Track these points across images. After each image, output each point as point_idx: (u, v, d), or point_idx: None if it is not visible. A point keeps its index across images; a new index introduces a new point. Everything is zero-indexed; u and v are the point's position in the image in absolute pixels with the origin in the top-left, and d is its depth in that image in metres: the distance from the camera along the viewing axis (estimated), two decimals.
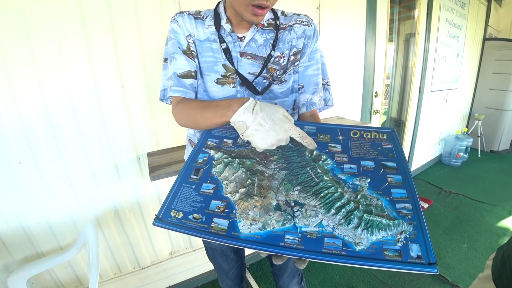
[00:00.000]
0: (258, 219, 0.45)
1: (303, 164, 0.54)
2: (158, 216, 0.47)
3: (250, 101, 0.55)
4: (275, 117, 0.53)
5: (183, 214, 0.47)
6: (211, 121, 0.60)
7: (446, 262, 1.73)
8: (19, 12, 0.90)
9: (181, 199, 0.49)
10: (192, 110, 0.65)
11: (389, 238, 0.41)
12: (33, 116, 1.01)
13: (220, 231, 0.44)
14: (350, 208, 0.46)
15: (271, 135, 0.53)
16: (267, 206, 0.47)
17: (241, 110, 0.53)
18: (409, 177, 0.49)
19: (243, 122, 0.53)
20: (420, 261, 0.38)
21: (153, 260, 1.47)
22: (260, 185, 0.50)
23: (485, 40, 3.58)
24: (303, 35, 0.73)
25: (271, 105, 0.56)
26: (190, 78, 0.69)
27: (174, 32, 0.69)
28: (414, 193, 0.47)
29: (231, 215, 0.46)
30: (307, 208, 0.46)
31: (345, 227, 0.43)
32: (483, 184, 2.81)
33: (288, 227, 0.44)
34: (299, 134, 0.55)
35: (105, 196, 1.23)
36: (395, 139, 0.58)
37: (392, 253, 0.39)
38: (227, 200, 0.48)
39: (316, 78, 0.76)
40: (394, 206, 0.45)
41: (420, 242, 0.40)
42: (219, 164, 0.55)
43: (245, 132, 0.53)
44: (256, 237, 0.43)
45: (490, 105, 3.64)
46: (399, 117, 2.86)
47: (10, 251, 1.08)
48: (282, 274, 0.95)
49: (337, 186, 0.49)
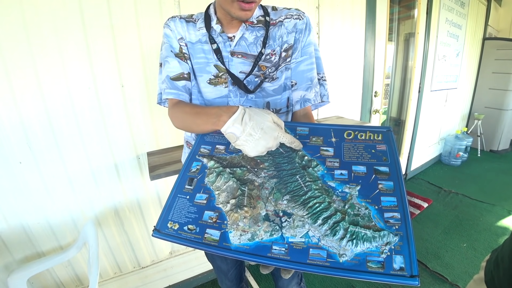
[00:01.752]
0: (248, 230, 0.47)
1: (293, 172, 0.54)
2: (156, 228, 0.50)
3: (239, 111, 0.55)
4: (264, 126, 0.54)
5: (178, 225, 0.50)
6: (203, 128, 0.62)
7: (446, 261, 1.73)
8: (19, 11, 0.91)
9: (176, 210, 0.52)
10: (186, 115, 0.66)
11: (374, 250, 0.41)
12: (33, 116, 1.01)
13: (212, 242, 0.46)
14: (336, 219, 0.46)
15: (261, 143, 0.54)
16: (256, 217, 0.49)
17: (230, 121, 0.54)
18: (400, 183, 0.49)
19: (233, 133, 0.54)
20: (402, 273, 0.39)
21: (153, 260, 1.48)
22: (250, 195, 0.52)
23: (485, 40, 3.58)
24: (294, 30, 0.71)
25: (261, 112, 0.56)
26: (182, 80, 0.70)
27: (167, 36, 0.71)
28: (404, 201, 0.46)
29: (222, 225, 0.48)
30: (295, 219, 0.47)
31: (330, 238, 0.44)
32: (482, 184, 2.81)
33: (276, 238, 0.45)
34: (289, 140, 0.56)
35: (105, 195, 1.23)
36: (391, 140, 0.57)
37: (375, 265, 0.40)
38: (219, 211, 0.50)
39: (310, 73, 0.74)
40: (382, 215, 0.45)
41: (405, 253, 0.40)
42: (211, 173, 0.56)
43: (236, 142, 0.55)
44: (245, 247, 0.45)
45: (489, 104, 3.64)
46: (398, 116, 2.87)
47: (10, 250, 1.08)
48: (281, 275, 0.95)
49: (325, 195, 0.50)
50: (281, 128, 0.57)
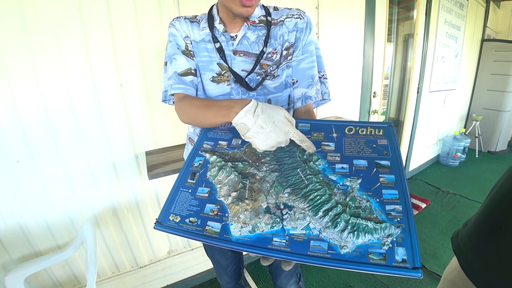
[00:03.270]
0: (249, 222, 0.47)
1: (294, 165, 0.55)
2: (158, 220, 0.50)
3: (252, 103, 0.55)
4: (276, 120, 0.54)
5: (180, 218, 0.50)
6: (213, 121, 0.61)
7: (443, 261, 1.74)
8: (18, 10, 0.90)
9: (178, 203, 0.52)
10: (195, 109, 0.66)
11: (375, 242, 0.41)
12: (31, 115, 1.00)
13: (213, 234, 0.47)
14: (337, 211, 0.46)
15: (271, 137, 0.53)
16: (257, 209, 0.49)
17: (243, 112, 0.54)
18: (402, 177, 0.49)
19: (244, 124, 0.54)
20: (404, 265, 0.38)
21: (151, 259, 1.47)
22: (251, 188, 0.52)
23: (483, 41, 3.60)
24: (295, 29, 0.73)
25: (273, 107, 0.56)
26: (190, 76, 0.72)
27: (173, 35, 0.73)
28: (406, 194, 0.46)
29: (223, 218, 0.48)
30: (296, 211, 0.47)
31: (331, 230, 0.44)
32: (480, 185, 2.82)
33: (277, 230, 0.45)
34: (299, 137, 0.55)
35: (103, 194, 1.23)
36: (392, 135, 0.57)
37: (377, 257, 0.40)
38: (220, 204, 0.50)
39: (311, 71, 0.75)
40: (383, 208, 0.45)
41: (407, 245, 0.40)
42: (214, 168, 0.56)
43: (246, 133, 0.54)
44: (246, 239, 0.45)
45: (488, 106, 3.65)
46: (397, 117, 2.87)
47: (7, 249, 1.08)
48: (279, 274, 0.95)
49: (326, 188, 0.50)
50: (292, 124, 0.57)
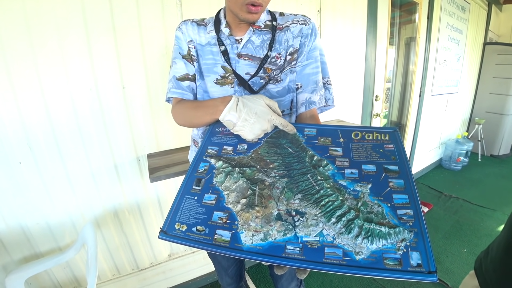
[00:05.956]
0: (260, 230, 0.46)
1: (304, 171, 0.54)
2: (162, 229, 0.48)
3: (233, 100, 0.60)
4: (258, 110, 0.60)
5: (187, 226, 0.48)
6: (203, 120, 0.66)
7: (446, 266, 1.72)
8: (21, 12, 0.91)
9: (184, 211, 0.50)
10: (187, 110, 0.71)
11: (390, 247, 0.41)
12: (33, 116, 1.01)
13: (223, 243, 0.45)
14: (350, 216, 0.45)
15: (256, 127, 0.59)
16: (268, 216, 0.47)
17: (226, 109, 0.60)
18: (411, 181, 0.49)
19: (230, 120, 0.60)
20: (420, 270, 0.38)
21: (151, 262, 1.47)
22: (261, 195, 0.51)
23: (485, 45, 3.59)
24: (300, 34, 0.73)
25: (253, 98, 0.61)
26: (187, 81, 0.75)
27: (178, 39, 0.75)
28: (415, 198, 0.46)
29: (233, 226, 0.47)
30: (308, 217, 0.46)
31: (345, 236, 0.43)
32: (483, 189, 2.80)
33: (289, 237, 0.44)
34: (281, 123, 0.61)
35: (104, 197, 1.23)
36: (397, 140, 0.58)
37: (392, 262, 0.39)
38: (229, 211, 0.49)
39: (315, 76, 0.76)
40: (395, 212, 0.45)
41: (421, 249, 0.40)
42: (220, 174, 0.55)
43: (234, 128, 0.60)
44: (258, 248, 0.44)
45: (490, 109, 3.64)
46: (399, 120, 2.86)
47: (8, 251, 1.08)
48: (280, 277, 0.94)
49: (338, 193, 0.49)
50: (275, 108, 0.62)
